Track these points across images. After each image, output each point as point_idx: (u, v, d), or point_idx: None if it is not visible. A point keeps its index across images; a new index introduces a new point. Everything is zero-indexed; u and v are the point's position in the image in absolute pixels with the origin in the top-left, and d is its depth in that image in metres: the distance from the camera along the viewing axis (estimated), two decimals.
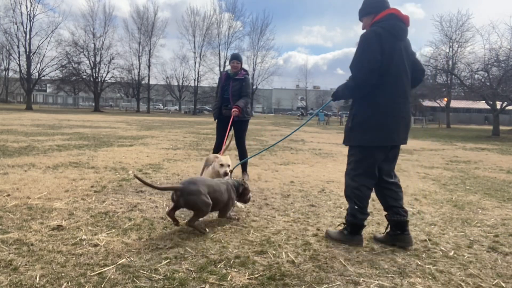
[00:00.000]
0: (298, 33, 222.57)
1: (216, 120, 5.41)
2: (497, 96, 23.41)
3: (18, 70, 42.12)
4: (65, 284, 2.06)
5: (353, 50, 3.35)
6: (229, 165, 3.87)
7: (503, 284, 2.30)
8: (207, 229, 3.00)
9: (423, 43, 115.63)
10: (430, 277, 2.36)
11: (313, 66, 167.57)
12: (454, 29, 31.89)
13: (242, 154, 5.44)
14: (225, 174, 3.76)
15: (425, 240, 3.03)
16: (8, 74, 52.80)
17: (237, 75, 5.27)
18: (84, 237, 2.75)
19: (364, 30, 2.88)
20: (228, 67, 5.72)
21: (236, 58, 5.32)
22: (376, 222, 3.48)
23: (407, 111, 2.85)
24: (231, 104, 5.18)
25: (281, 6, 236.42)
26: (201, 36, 53.01)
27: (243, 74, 5.31)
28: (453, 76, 29.24)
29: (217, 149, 5.21)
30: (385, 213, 2.95)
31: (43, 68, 42.54)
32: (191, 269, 2.33)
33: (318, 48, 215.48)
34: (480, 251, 2.85)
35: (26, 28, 40.86)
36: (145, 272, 2.24)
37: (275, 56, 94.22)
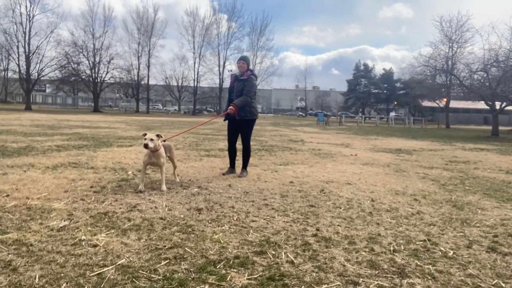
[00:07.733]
0: (289, 33, 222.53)
1: (227, 121, 5.66)
2: (496, 96, 23.45)
3: (17, 70, 41.93)
4: (64, 284, 2.06)
5: (348, 50, 3.43)
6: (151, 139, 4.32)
7: (503, 284, 2.31)
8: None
9: (414, 41, 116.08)
10: (429, 277, 2.36)
11: (308, 66, 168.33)
12: (454, 29, 31.82)
13: (245, 152, 5.68)
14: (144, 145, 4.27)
15: (425, 240, 3.03)
16: (7, 74, 52.59)
17: (243, 76, 5.44)
18: (83, 237, 2.75)
19: None
20: (233, 68, 6.16)
21: (242, 59, 5.55)
22: (376, 222, 3.48)
23: None
24: None
25: (273, 7, 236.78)
26: (200, 36, 53.02)
27: (247, 75, 5.44)
28: (453, 76, 29.27)
29: (230, 148, 5.69)
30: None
31: (42, 68, 42.42)
32: (191, 269, 2.33)
33: (311, 49, 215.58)
34: (479, 251, 2.85)
35: (25, 29, 40.76)
36: (144, 273, 2.24)
37: (273, 57, 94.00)
